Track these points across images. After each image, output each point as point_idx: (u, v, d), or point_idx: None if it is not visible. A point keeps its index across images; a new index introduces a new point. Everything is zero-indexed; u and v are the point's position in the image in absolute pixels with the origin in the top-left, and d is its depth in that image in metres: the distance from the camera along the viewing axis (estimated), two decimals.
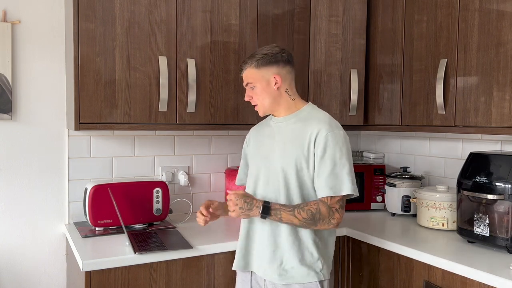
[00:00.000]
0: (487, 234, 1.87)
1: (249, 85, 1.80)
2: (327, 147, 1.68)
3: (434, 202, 2.19)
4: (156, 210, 2.23)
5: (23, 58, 2.19)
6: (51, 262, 2.29)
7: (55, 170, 2.28)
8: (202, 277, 1.96)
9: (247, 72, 1.80)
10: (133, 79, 2.05)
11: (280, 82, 1.77)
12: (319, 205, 1.67)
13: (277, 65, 1.77)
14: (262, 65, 1.76)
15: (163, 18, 2.10)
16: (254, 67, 1.77)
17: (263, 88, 1.77)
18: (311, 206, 1.67)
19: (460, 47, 2.03)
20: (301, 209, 1.67)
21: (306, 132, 1.73)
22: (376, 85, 2.48)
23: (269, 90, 1.77)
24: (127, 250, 1.86)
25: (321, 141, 1.69)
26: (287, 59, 1.79)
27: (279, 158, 1.77)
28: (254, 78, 1.78)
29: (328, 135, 1.69)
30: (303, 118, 1.78)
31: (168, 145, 2.53)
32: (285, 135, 1.79)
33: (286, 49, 1.83)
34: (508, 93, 1.84)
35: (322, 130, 1.70)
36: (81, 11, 1.94)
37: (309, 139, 1.72)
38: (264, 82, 1.77)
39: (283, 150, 1.76)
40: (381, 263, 2.08)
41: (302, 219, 1.66)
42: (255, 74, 1.77)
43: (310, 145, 1.71)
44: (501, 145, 2.26)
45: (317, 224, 1.68)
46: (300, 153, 1.72)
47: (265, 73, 1.77)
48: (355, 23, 2.47)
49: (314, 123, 1.74)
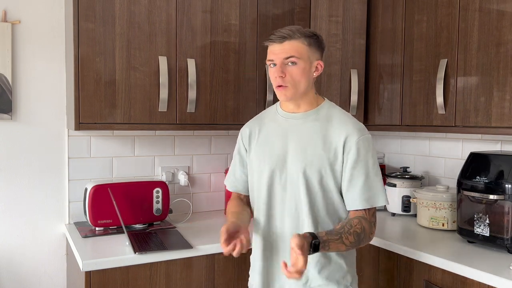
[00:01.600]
0: (487, 234, 1.87)
1: (292, 59, 1.49)
2: (359, 154, 1.50)
3: (434, 202, 2.19)
4: (156, 210, 2.23)
5: (23, 58, 2.19)
6: (51, 262, 2.29)
7: (55, 170, 2.28)
8: (202, 277, 1.96)
9: (295, 44, 1.49)
10: (133, 79, 2.05)
11: (320, 71, 1.56)
12: (362, 224, 1.48)
13: (322, 51, 1.56)
14: (313, 45, 1.52)
15: (163, 18, 2.10)
16: (306, 43, 1.50)
17: (305, 69, 1.51)
18: (356, 227, 1.47)
19: (460, 47, 2.03)
20: (348, 233, 1.45)
21: (332, 134, 1.53)
22: (376, 85, 2.48)
23: (309, 75, 1.52)
24: (127, 250, 1.86)
25: (352, 147, 1.50)
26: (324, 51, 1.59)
27: (299, 161, 1.54)
28: (302, 54, 1.49)
29: (360, 140, 1.50)
30: (323, 117, 1.57)
31: (168, 145, 2.53)
32: (304, 135, 1.56)
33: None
34: (508, 93, 1.84)
35: (353, 135, 1.51)
36: (81, 11, 1.94)
37: (336, 143, 1.52)
38: (308, 63, 1.51)
39: (304, 153, 1.54)
40: (381, 263, 2.08)
41: (350, 244, 1.45)
42: (304, 50, 1.50)
43: (338, 150, 1.51)
44: (501, 145, 2.26)
45: (360, 243, 1.49)
46: (324, 158, 1.52)
47: (312, 55, 1.52)
48: (355, 23, 2.47)
49: (339, 125, 1.54)
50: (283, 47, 1.50)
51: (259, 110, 2.33)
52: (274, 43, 1.52)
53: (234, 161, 1.75)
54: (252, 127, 1.70)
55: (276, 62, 1.51)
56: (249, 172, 1.69)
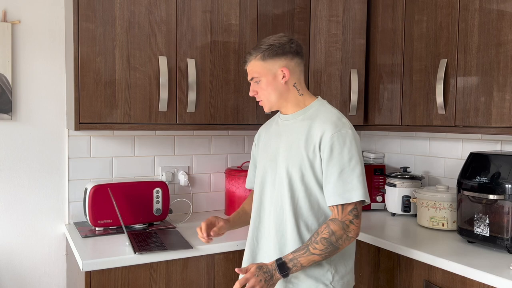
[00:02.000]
0: (487, 234, 1.87)
1: (254, 79, 1.64)
2: (333, 150, 1.52)
3: (434, 202, 2.19)
4: (156, 210, 2.23)
5: (23, 58, 2.20)
6: (51, 262, 2.29)
7: (55, 170, 2.28)
8: (202, 277, 1.96)
9: (251, 65, 1.64)
10: (133, 79, 2.05)
11: (288, 75, 1.61)
12: (329, 227, 1.50)
13: (285, 56, 1.61)
14: (269, 57, 1.60)
15: (163, 18, 2.10)
16: (260, 59, 1.61)
17: (269, 82, 1.62)
18: (323, 233, 1.49)
19: (460, 47, 2.03)
20: (314, 243, 1.49)
21: (312, 132, 1.58)
22: (376, 85, 2.48)
23: (276, 85, 1.62)
24: (127, 250, 1.86)
25: (326, 143, 1.53)
26: (296, 50, 1.63)
27: (284, 160, 1.62)
28: (260, 72, 1.62)
29: (334, 136, 1.53)
30: (310, 116, 1.63)
31: (168, 145, 2.53)
32: (291, 134, 1.64)
33: (295, 39, 1.67)
34: (508, 93, 1.84)
35: (328, 131, 1.54)
36: (81, 11, 1.94)
37: (314, 141, 1.56)
38: (270, 75, 1.62)
39: (288, 151, 1.61)
40: (381, 263, 2.08)
41: (321, 252, 1.49)
42: (260, 67, 1.62)
43: (316, 148, 1.56)
44: (501, 145, 2.26)
45: (338, 246, 1.51)
46: (305, 156, 1.57)
47: (271, 66, 1.61)
48: (355, 23, 2.47)
49: (320, 122, 1.58)
50: (247, 69, 1.68)
51: (259, 110, 2.33)
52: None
53: (250, 163, 1.91)
54: (262, 129, 1.86)
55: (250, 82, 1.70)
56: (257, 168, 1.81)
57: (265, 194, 1.69)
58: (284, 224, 1.61)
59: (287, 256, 1.51)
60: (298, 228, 1.59)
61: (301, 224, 1.59)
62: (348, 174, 1.52)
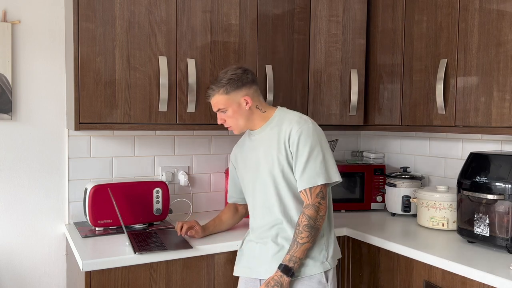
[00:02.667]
0: (487, 234, 1.87)
1: (221, 110, 1.84)
2: (299, 143, 1.74)
3: (434, 202, 2.19)
4: (156, 210, 2.23)
5: (23, 58, 2.19)
6: (51, 262, 2.29)
7: (55, 170, 2.28)
8: (202, 277, 1.96)
9: (216, 99, 1.83)
10: (133, 79, 2.05)
11: (251, 102, 1.83)
12: (305, 214, 1.72)
13: (244, 87, 1.82)
14: (231, 90, 1.81)
15: (163, 18, 2.10)
16: (223, 93, 1.81)
17: (235, 110, 1.83)
18: (303, 223, 1.71)
19: (460, 47, 2.03)
20: (299, 234, 1.71)
21: (281, 134, 1.79)
22: (376, 85, 2.48)
23: (241, 111, 1.83)
24: (127, 250, 1.86)
25: (294, 139, 1.75)
26: (252, 79, 1.85)
27: (265, 165, 1.82)
28: (225, 103, 1.82)
29: (298, 130, 1.75)
30: (277, 123, 1.84)
31: (168, 145, 2.53)
32: (265, 142, 1.84)
33: (248, 68, 1.88)
34: (508, 93, 1.84)
35: (293, 129, 1.76)
36: (81, 11, 1.94)
37: (284, 140, 1.78)
38: (235, 105, 1.82)
39: (267, 157, 1.82)
40: (381, 263, 2.08)
41: (307, 238, 1.70)
42: (225, 100, 1.82)
43: (286, 145, 1.77)
44: (501, 145, 2.26)
45: (317, 227, 1.72)
46: (280, 155, 1.78)
47: (234, 97, 1.82)
48: (355, 23, 2.47)
49: (286, 124, 1.79)
50: (212, 102, 1.86)
51: None
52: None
53: (229, 179, 2.12)
54: (235, 150, 2.05)
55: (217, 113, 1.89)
56: (242, 185, 1.99)
57: (257, 199, 1.87)
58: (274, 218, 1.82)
59: (284, 259, 1.71)
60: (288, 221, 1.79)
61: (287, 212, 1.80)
62: (312, 162, 1.73)
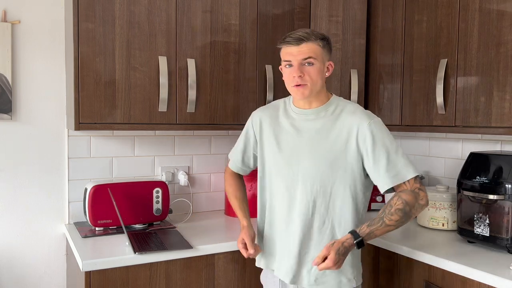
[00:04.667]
0: (487, 234, 1.87)
1: (310, 59, 1.59)
2: (374, 137, 1.58)
3: (434, 202, 2.19)
4: (156, 210, 2.23)
5: (23, 58, 2.19)
6: (51, 262, 2.29)
7: (55, 170, 2.28)
8: (202, 277, 1.96)
9: (311, 46, 1.59)
10: (133, 79, 2.05)
11: (331, 71, 1.67)
12: (402, 198, 1.56)
13: (331, 54, 1.68)
14: (326, 47, 1.63)
15: (163, 18, 2.10)
16: (320, 45, 1.61)
17: (321, 69, 1.62)
18: (397, 205, 1.55)
19: (460, 47, 2.03)
20: (389, 214, 1.56)
21: (343, 126, 1.62)
22: (376, 85, 2.48)
23: (323, 75, 1.64)
24: (127, 250, 1.86)
25: (366, 133, 1.58)
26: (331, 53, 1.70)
27: (312, 159, 1.63)
28: (318, 55, 1.60)
29: (370, 124, 1.59)
30: (333, 112, 1.66)
31: (168, 145, 2.53)
32: (315, 131, 1.65)
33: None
34: (508, 93, 1.84)
35: (363, 121, 1.60)
36: (81, 11, 1.94)
37: (348, 134, 1.61)
38: (322, 64, 1.62)
39: (317, 150, 1.63)
40: (381, 263, 2.08)
41: (396, 223, 1.56)
42: (319, 52, 1.60)
43: (351, 140, 1.60)
44: (501, 145, 2.26)
45: (411, 215, 1.58)
46: (338, 150, 1.61)
47: (325, 56, 1.63)
48: (355, 23, 2.47)
49: (348, 115, 1.63)
50: (301, 49, 1.59)
51: None
52: (291, 45, 1.60)
53: (239, 142, 1.88)
54: (263, 116, 1.80)
55: (294, 63, 1.61)
56: (259, 162, 1.79)
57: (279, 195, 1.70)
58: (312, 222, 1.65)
59: (363, 230, 1.55)
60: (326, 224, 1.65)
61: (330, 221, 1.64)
62: (394, 157, 1.59)
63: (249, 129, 1.84)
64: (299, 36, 1.59)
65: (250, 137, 1.84)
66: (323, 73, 1.64)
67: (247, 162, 1.88)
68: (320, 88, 1.64)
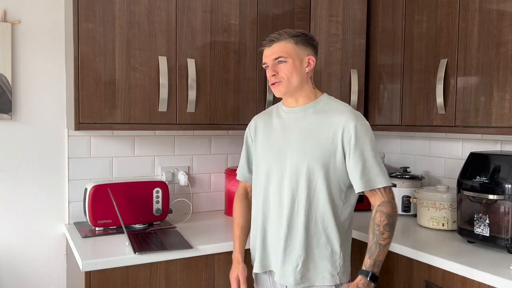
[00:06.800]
0: (487, 234, 1.87)
1: (281, 58, 1.64)
2: (357, 139, 1.60)
3: (434, 202, 2.19)
4: (156, 210, 2.23)
5: (23, 58, 2.19)
6: (51, 262, 2.29)
7: (55, 170, 2.28)
8: (202, 277, 1.96)
9: (282, 45, 1.64)
10: (133, 79, 2.05)
11: (313, 65, 1.68)
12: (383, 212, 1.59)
13: (312, 47, 1.69)
14: (301, 42, 1.65)
15: (163, 18, 2.10)
16: (293, 42, 1.64)
17: (295, 66, 1.64)
18: (383, 222, 1.58)
19: (460, 47, 2.03)
20: (380, 235, 1.58)
21: (330, 124, 1.64)
22: (376, 85, 2.48)
23: (300, 70, 1.65)
24: (127, 250, 1.86)
25: (351, 133, 1.60)
26: (316, 48, 1.72)
27: (298, 154, 1.65)
28: (290, 53, 1.63)
29: (357, 126, 1.61)
30: (322, 109, 1.68)
31: (168, 145, 2.53)
32: (303, 128, 1.67)
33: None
34: (508, 93, 1.84)
35: (350, 122, 1.61)
36: (81, 11, 1.94)
37: (334, 132, 1.62)
38: (298, 60, 1.64)
39: (303, 146, 1.65)
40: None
41: (389, 239, 1.59)
42: (291, 49, 1.64)
43: (337, 139, 1.62)
44: (501, 145, 2.26)
45: (395, 225, 1.62)
46: (324, 149, 1.63)
47: (301, 52, 1.65)
48: (355, 23, 2.47)
49: (337, 114, 1.65)
50: (273, 49, 1.66)
51: (259, 110, 2.33)
52: (265, 47, 1.69)
53: (242, 151, 1.91)
54: (258, 120, 1.85)
55: (268, 64, 1.68)
56: (254, 163, 1.83)
57: (271, 190, 1.72)
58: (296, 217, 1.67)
59: (368, 264, 1.58)
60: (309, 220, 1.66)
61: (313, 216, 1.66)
62: (371, 163, 1.61)
63: (247, 136, 1.89)
64: (271, 37, 1.66)
65: (249, 144, 1.88)
66: (300, 69, 1.65)
67: (252, 169, 1.87)
68: (298, 84, 1.66)
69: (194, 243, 1.96)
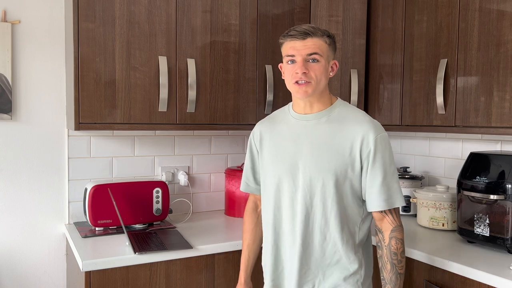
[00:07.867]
0: (487, 234, 1.87)
1: (315, 56, 1.47)
2: (377, 153, 1.47)
3: (434, 202, 2.19)
4: (156, 210, 2.23)
5: (23, 58, 2.19)
6: (51, 262, 2.29)
7: (55, 170, 2.28)
8: (202, 277, 1.96)
9: (317, 42, 1.48)
10: (133, 79, 2.05)
11: (335, 71, 1.56)
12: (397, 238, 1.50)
13: (335, 53, 1.57)
14: (331, 44, 1.53)
15: (163, 18, 2.10)
16: (326, 42, 1.50)
17: (325, 67, 1.50)
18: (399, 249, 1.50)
19: (460, 47, 2.03)
20: (399, 263, 1.50)
21: (347, 135, 1.50)
22: (376, 85, 2.48)
23: (327, 73, 1.52)
24: (127, 250, 1.86)
25: (370, 146, 1.47)
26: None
27: (311, 168, 1.51)
28: (324, 52, 1.49)
29: (377, 139, 1.48)
30: (336, 118, 1.54)
31: (168, 145, 2.53)
32: (317, 137, 1.52)
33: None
34: (508, 93, 1.84)
35: (370, 134, 1.48)
36: (81, 11, 1.94)
37: (352, 144, 1.48)
38: (327, 62, 1.51)
39: (317, 159, 1.50)
40: None
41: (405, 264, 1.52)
42: (325, 49, 1.49)
43: (355, 151, 1.48)
44: (501, 145, 2.26)
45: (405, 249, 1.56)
46: (340, 161, 1.48)
47: (330, 55, 1.52)
48: (355, 23, 2.47)
49: (354, 124, 1.51)
50: (306, 43, 1.47)
51: (259, 110, 2.33)
52: (296, 39, 1.49)
53: (246, 162, 1.75)
54: (262, 128, 1.68)
55: (297, 59, 1.49)
56: (262, 174, 1.67)
57: (283, 203, 1.57)
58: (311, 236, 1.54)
59: None
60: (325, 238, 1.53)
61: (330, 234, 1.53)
62: (390, 179, 1.50)
63: (252, 144, 1.72)
64: (305, 30, 1.47)
65: (254, 153, 1.71)
66: (327, 72, 1.52)
67: (258, 180, 1.72)
68: (323, 88, 1.53)
69: (194, 243, 1.96)
